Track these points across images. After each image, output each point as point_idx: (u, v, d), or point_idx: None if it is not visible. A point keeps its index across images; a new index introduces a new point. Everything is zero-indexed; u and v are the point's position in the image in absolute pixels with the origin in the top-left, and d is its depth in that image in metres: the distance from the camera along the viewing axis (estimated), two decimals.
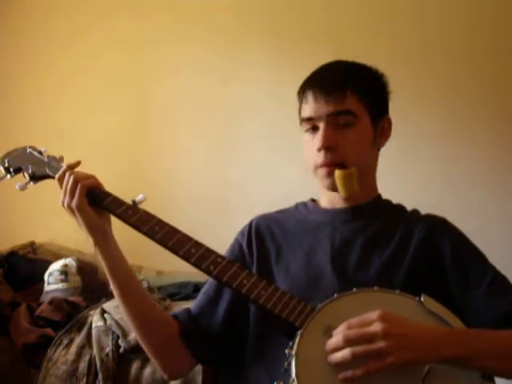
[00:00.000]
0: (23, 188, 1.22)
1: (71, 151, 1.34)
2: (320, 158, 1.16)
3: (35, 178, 1.23)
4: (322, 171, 1.17)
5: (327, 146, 1.15)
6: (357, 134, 1.16)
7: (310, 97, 1.17)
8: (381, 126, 1.23)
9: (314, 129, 1.18)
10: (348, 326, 0.91)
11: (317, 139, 1.16)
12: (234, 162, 2.63)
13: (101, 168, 1.28)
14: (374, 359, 0.89)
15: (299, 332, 0.96)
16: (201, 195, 2.62)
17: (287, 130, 2.40)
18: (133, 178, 2.57)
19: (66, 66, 2.80)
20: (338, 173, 1.15)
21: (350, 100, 1.15)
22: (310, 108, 1.17)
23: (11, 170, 1.26)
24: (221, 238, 1.27)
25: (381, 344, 0.88)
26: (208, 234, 1.16)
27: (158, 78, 2.71)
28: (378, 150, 1.27)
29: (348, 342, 0.89)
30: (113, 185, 1.20)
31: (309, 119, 1.18)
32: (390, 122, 1.25)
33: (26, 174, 1.24)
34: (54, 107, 2.81)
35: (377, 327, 0.90)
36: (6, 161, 1.27)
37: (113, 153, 2.67)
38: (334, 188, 1.18)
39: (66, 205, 1.11)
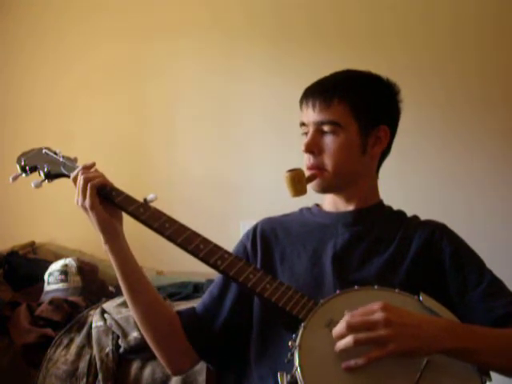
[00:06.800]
0: (38, 186, 1.26)
1: (70, 152, 1.35)
2: (306, 160, 1.23)
3: (50, 176, 1.27)
4: (307, 173, 1.23)
5: (309, 150, 1.21)
6: (339, 143, 1.20)
7: (303, 103, 1.25)
8: (374, 135, 1.23)
9: (307, 133, 1.24)
10: (351, 315, 0.93)
11: (303, 143, 1.22)
12: (234, 159, 2.63)
13: (101, 168, 1.29)
14: (375, 347, 0.91)
15: (303, 324, 0.98)
16: (199, 195, 2.62)
17: (288, 128, 2.42)
18: (131, 175, 2.57)
19: (57, 61, 2.79)
20: (285, 174, 1.21)
21: (336, 109, 1.19)
22: (302, 114, 1.25)
23: (27, 168, 1.30)
24: (221, 237, 1.28)
25: (382, 332, 0.91)
26: (207, 233, 1.17)
27: (157, 72, 2.70)
28: (383, 158, 1.29)
29: (351, 330, 0.92)
30: (114, 183, 1.21)
31: (302, 124, 1.25)
32: (386, 131, 1.25)
33: (41, 173, 1.27)
34: (50, 109, 2.81)
35: (379, 316, 0.92)
36: (22, 160, 1.31)
37: (112, 151, 2.67)
38: (317, 190, 1.24)
39: (79, 204, 1.16)
